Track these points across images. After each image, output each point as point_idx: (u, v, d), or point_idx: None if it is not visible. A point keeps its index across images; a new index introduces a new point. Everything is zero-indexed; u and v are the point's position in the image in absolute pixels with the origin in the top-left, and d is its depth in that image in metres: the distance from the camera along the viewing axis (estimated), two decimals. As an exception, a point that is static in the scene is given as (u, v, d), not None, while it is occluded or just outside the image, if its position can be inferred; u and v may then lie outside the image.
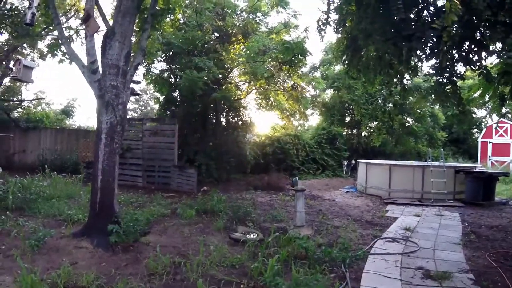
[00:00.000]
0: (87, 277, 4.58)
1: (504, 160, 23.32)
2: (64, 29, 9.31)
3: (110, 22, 7.12)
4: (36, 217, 7.78)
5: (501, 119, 21.82)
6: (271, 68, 15.88)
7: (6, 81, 17.72)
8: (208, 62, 13.87)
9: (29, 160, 16.38)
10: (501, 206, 11.97)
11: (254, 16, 16.52)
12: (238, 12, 16.70)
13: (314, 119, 28.73)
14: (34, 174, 10.98)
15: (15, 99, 19.47)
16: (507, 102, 7.85)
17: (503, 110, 11.80)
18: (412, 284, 5.13)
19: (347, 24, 7.55)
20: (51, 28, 10.75)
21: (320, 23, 7.89)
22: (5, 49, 15.51)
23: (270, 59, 15.23)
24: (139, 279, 4.82)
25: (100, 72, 6.75)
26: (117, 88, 6.83)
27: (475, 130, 29.60)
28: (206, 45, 15.97)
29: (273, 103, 18.60)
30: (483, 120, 25.51)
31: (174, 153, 13.81)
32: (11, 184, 8.78)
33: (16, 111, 19.39)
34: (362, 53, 8.35)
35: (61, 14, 11.15)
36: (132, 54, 7.44)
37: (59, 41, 8.71)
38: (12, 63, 13.54)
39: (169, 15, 10.97)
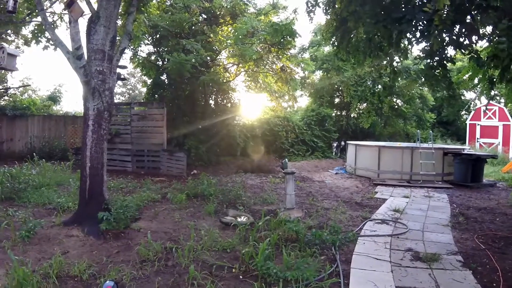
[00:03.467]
0: (79, 266, 4.56)
1: (492, 142, 23.59)
2: (48, 14, 9.07)
3: (95, 6, 6.93)
4: (26, 206, 7.67)
5: (490, 101, 22.01)
6: (260, 50, 15.75)
7: (-10, 69, 17.29)
8: (195, 45, 13.70)
9: (17, 149, 16.15)
10: (489, 188, 12.15)
11: (242, -3, 16.30)
12: (226, -7, 16.46)
13: (303, 100, 28.79)
14: (22, 163, 10.85)
15: (0, 87, 19.09)
16: (496, 85, 7.89)
17: (492, 93, 11.89)
18: (401, 266, 5.20)
19: (336, 6, 7.45)
20: (35, 14, 10.46)
21: (309, 5, 7.82)
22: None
23: (258, 41, 15.08)
24: (131, 266, 4.81)
25: (86, 58, 6.60)
26: (103, 74, 6.70)
27: (464, 112, 29.86)
28: (193, 27, 15.75)
29: (262, 85, 18.53)
30: (472, 102, 25.72)
31: (163, 137, 13.72)
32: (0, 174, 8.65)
33: (2, 99, 19.03)
34: (351, 35, 8.30)
35: (44, -1, 10.85)
36: (118, 38, 7.28)
37: (43, 27, 8.49)
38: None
39: (155, -3, 10.75)
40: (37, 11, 8.36)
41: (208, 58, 15.23)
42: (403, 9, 6.23)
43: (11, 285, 3.95)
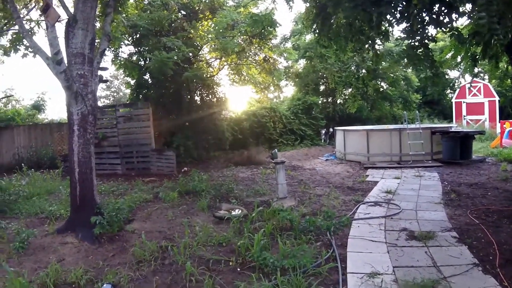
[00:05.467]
0: (75, 273, 4.52)
1: (479, 118, 23.88)
2: (25, 21, 8.91)
3: (72, 10, 6.83)
4: (18, 217, 7.57)
5: (474, 78, 22.26)
6: (241, 42, 15.69)
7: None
8: (176, 42, 13.61)
9: (4, 161, 15.87)
10: (479, 163, 12.32)
11: (220, -10, 16.18)
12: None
13: (289, 90, 28.79)
14: (11, 174, 10.71)
15: (-17, 99, 18.82)
16: (479, 62, 7.96)
17: (476, 70, 12.01)
18: (397, 246, 5.26)
19: (314, -8, 7.46)
20: (12, 23, 10.26)
21: (288, -7, 7.78)
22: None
23: (239, 33, 15.01)
24: (128, 268, 4.80)
25: (66, 63, 6.51)
26: (84, 77, 6.61)
27: (449, 91, 30.11)
28: (173, 24, 15.61)
29: (246, 77, 18.48)
30: (456, 80, 25.97)
31: (151, 137, 13.63)
32: (-11, 188, 8.53)
33: (-15, 111, 18.76)
34: (332, 21, 8.32)
35: (21, 7, 10.60)
36: (97, 41, 7.18)
37: (21, 35, 8.33)
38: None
39: (131, -4, 10.61)
40: (13, 19, 8.19)
41: (190, 54, 15.12)
42: (381, -9, 6.23)
43: (9, 297, 3.91)
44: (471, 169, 11.39)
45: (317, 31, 8.78)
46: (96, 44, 7.05)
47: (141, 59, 16.53)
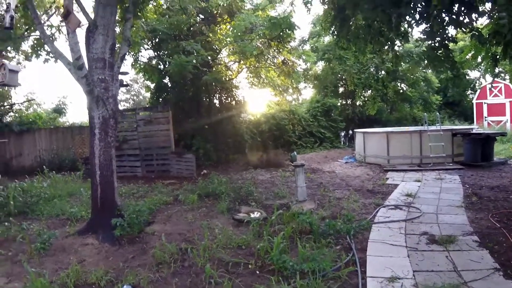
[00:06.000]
0: (96, 274, 4.60)
1: (500, 119, 23.35)
2: (46, 27, 9.11)
3: (92, 16, 6.96)
4: (39, 219, 7.73)
5: (495, 79, 21.80)
6: (260, 45, 15.69)
7: (-7, 87, 17.41)
8: (195, 45, 13.70)
9: (26, 163, 16.26)
10: (500, 166, 12.04)
11: (238, -7, 16.23)
12: (221, -9, 16.40)
13: (308, 92, 28.67)
14: (33, 176, 10.90)
15: (5, 103, 19.23)
16: (500, 62, 7.79)
17: (496, 70, 11.75)
18: (418, 250, 5.18)
19: (333, -6, 7.43)
20: (33, 28, 10.52)
21: (306, -5, 7.77)
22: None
23: (258, 37, 15.03)
24: (147, 270, 4.84)
25: (87, 67, 6.63)
26: (105, 82, 6.73)
27: (470, 91, 29.55)
28: (192, 28, 15.74)
29: (265, 80, 18.47)
30: (477, 81, 25.47)
31: (171, 139, 13.76)
32: (11, 190, 8.67)
33: (8, 115, 19.16)
34: (350, 23, 8.26)
35: (41, 13, 10.87)
36: (117, 46, 7.30)
37: (42, 40, 8.52)
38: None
39: (151, 1, 10.74)
40: (34, 25, 8.39)
41: (209, 57, 15.21)
42: (400, -8, 6.17)
43: (30, 298, 3.98)
44: (493, 171, 11.13)
45: (336, 33, 8.74)
46: (116, 49, 7.16)
47: (161, 63, 16.72)
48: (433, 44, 7.00)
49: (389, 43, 8.36)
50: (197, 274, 4.68)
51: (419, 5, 6.31)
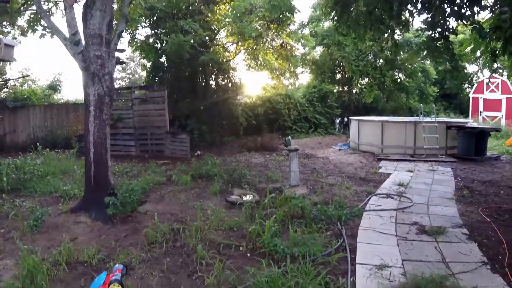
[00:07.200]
0: (88, 252, 4.62)
1: (495, 115, 23.38)
2: (42, 2, 8.94)
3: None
4: (32, 196, 7.72)
5: (493, 74, 21.78)
6: (259, 28, 15.55)
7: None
8: (193, 25, 13.54)
9: (20, 140, 16.14)
10: (493, 161, 12.10)
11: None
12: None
13: (305, 77, 28.59)
14: (26, 153, 10.82)
15: (0, 79, 19.00)
16: (499, 57, 7.78)
17: (495, 65, 11.74)
18: (407, 239, 5.24)
19: (335, -21, 7.34)
20: (30, 3, 10.32)
21: (308, -21, 7.65)
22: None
23: (257, 18, 14.89)
24: (139, 249, 4.88)
25: (83, 43, 6.55)
26: (101, 58, 6.65)
27: (467, 85, 29.52)
28: (190, 7, 15.52)
29: (263, 63, 18.37)
30: (475, 75, 25.41)
31: (166, 119, 13.71)
32: (4, 166, 8.60)
33: (2, 91, 18.95)
34: (351, 9, 8.19)
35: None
36: (114, 22, 7.20)
37: (39, 15, 8.37)
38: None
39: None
40: (31, -1, 8.25)
41: (207, 38, 15.07)
42: (403, -20, 6.11)
43: (22, 275, 3.99)
44: (485, 166, 11.20)
45: (336, 18, 8.66)
46: (113, 25, 7.06)
47: (158, 42, 16.52)
48: (433, 35, 6.96)
49: (389, 31, 8.30)
50: (188, 255, 4.72)
51: (421, -6, 6.27)
